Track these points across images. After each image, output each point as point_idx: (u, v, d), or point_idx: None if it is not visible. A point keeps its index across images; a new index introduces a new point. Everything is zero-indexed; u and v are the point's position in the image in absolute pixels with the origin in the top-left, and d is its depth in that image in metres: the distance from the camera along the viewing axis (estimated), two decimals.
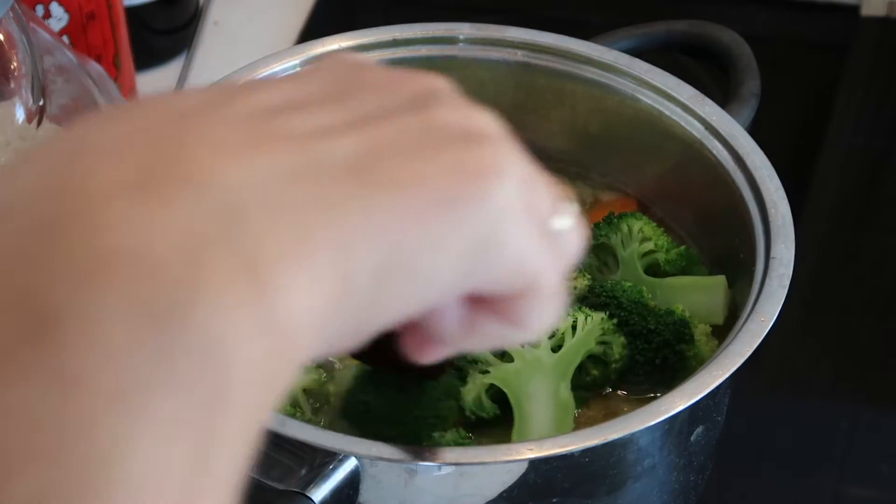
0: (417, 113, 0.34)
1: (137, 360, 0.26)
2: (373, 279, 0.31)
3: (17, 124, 0.76)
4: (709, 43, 0.90)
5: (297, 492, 0.57)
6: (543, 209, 0.37)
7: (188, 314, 0.27)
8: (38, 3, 0.89)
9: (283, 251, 0.29)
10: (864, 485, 0.79)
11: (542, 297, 0.37)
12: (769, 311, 0.63)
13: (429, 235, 0.33)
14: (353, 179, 0.31)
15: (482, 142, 0.35)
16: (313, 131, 0.32)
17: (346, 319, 0.31)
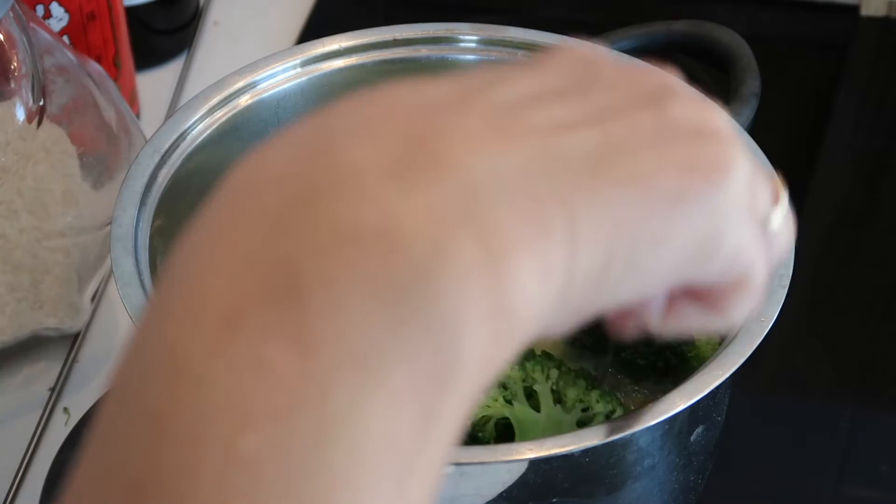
0: (652, 108, 0.35)
1: (377, 329, 0.28)
2: (597, 272, 0.33)
3: (17, 124, 0.76)
4: (709, 43, 0.90)
5: None
6: (763, 206, 0.38)
7: (427, 291, 0.28)
8: (38, 3, 0.89)
9: (520, 242, 0.30)
10: (864, 485, 0.79)
11: (749, 290, 0.38)
12: (769, 311, 0.63)
13: (656, 230, 0.34)
14: (588, 173, 0.32)
15: (712, 139, 0.36)
16: (554, 125, 0.33)
17: (566, 308, 0.33)
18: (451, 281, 0.29)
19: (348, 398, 0.27)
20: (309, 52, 0.79)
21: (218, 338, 0.27)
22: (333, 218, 0.29)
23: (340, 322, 0.27)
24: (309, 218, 0.29)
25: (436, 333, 0.28)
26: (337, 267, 0.28)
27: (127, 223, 0.68)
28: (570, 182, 0.32)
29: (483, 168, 0.30)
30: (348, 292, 0.28)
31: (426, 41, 0.81)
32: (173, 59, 1.07)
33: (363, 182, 0.29)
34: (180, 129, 0.74)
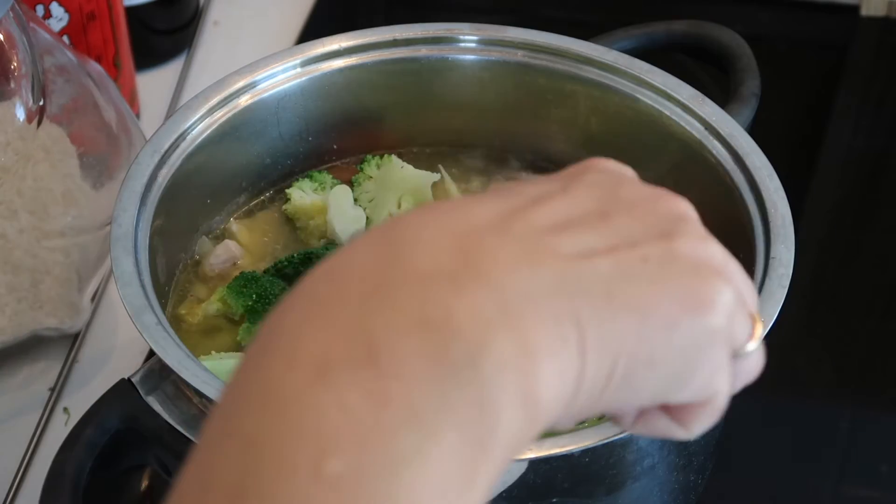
0: (662, 241, 0.42)
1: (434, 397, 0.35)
2: (600, 383, 0.39)
3: (17, 124, 0.76)
4: (709, 43, 0.90)
5: None
6: (740, 337, 0.44)
7: (473, 372, 0.36)
8: (38, 3, 0.89)
9: (544, 350, 0.38)
10: (864, 485, 0.79)
11: (711, 411, 0.44)
12: (769, 312, 0.63)
13: (651, 355, 0.40)
14: (600, 299, 0.39)
15: (709, 275, 0.42)
16: (577, 252, 0.40)
17: (573, 407, 0.39)
18: (493, 368, 0.36)
19: (412, 445, 0.34)
20: (309, 52, 0.79)
21: (310, 381, 0.35)
22: (405, 308, 0.37)
23: (407, 385, 0.35)
24: (387, 305, 0.37)
25: (477, 408, 0.36)
26: (406, 345, 0.36)
27: (127, 223, 0.68)
28: (585, 306, 0.39)
29: (516, 285, 0.38)
30: (413, 364, 0.35)
31: (426, 41, 0.81)
32: (173, 59, 1.07)
33: (425, 285, 0.37)
34: (180, 129, 0.74)
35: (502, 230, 0.40)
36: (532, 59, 0.80)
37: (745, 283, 0.44)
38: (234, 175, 0.79)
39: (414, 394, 0.35)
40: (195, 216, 0.78)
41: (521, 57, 0.81)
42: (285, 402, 0.35)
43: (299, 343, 0.36)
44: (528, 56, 0.80)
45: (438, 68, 0.81)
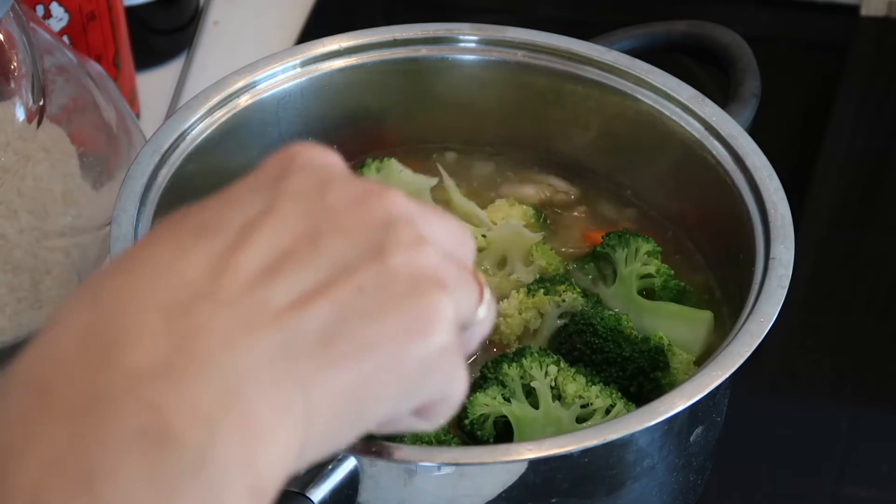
0: (375, 261, 0.41)
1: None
2: (329, 430, 0.39)
3: (17, 124, 0.76)
4: (709, 43, 0.90)
5: (296, 492, 0.57)
6: (468, 310, 0.44)
7: (198, 482, 0.34)
8: (38, 3, 0.89)
9: (267, 428, 0.37)
10: (864, 485, 0.79)
11: (450, 403, 0.44)
12: (769, 312, 0.63)
13: (377, 391, 0.40)
14: (321, 351, 0.39)
15: (426, 289, 0.41)
16: (290, 303, 0.39)
17: (302, 460, 0.39)
18: (218, 470, 0.35)
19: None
20: (309, 52, 0.79)
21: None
22: (118, 421, 0.34)
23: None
24: (98, 420, 0.34)
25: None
26: (122, 465, 0.34)
27: (127, 223, 0.68)
28: (305, 364, 0.38)
29: (235, 364, 0.37)
30: (132, 487, 0.34)
31: (426, 41, 0.81)
32: (173, 59, 1.07)
33: (139, 387, 0.35)
34: (180, 129, 0.74)
35: (213, 296, 0.38)
36: (532, 59, 0.80)
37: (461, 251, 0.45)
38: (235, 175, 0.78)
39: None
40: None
41: (521, 57, 0.81)
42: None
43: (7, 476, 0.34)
44: (528, 56, 0.80)
45: (438, 68, 0.81)
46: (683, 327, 0.72)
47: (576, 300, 0.71)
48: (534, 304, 0.72)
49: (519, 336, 0.72)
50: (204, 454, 0.35)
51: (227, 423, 0.36)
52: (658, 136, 0.77)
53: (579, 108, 0.81)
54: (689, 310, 0.73)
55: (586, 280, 0.75)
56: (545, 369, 0.66)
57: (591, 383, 0.66)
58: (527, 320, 0.72)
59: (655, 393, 0.67)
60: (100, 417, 0.35)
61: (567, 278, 0.73)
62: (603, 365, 0.68)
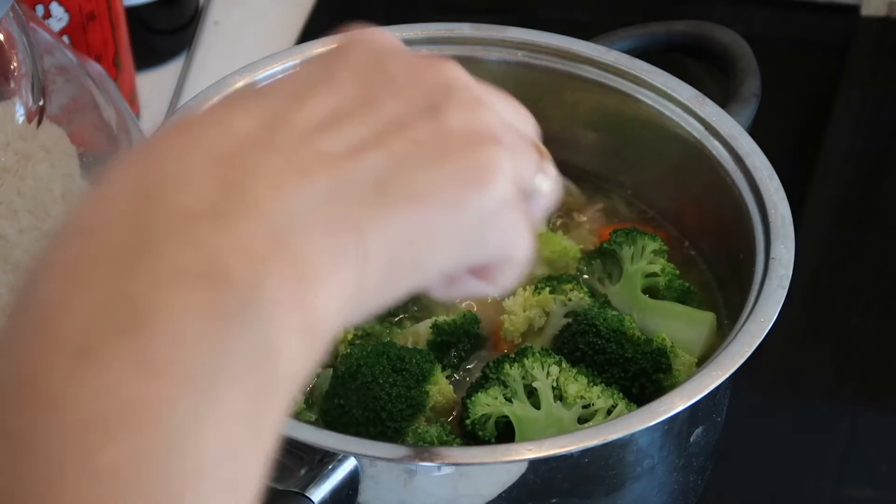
0: (431, 117, 0.41)
1: (209, 353, 0.33)
2: (384, 280, 0.39)
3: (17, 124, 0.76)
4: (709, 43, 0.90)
5: (296, 492, 0.57)
6: (527, 176, 0.44)
7: (248, 318, 0.34)
8: (38, 3, 0.89)
9: (318, 269, 0.36)
10: (864, 485, 0.79)
11: (515, 266, 0.44)
12: (769, 312, 0.63)
13: (433, 238, 0.40)
14: (375, 197, 0.38)
15: (482, 144, 0.41)
16: (344, 151, 0.38)
17: (358, 308, 0.39)
18: (269, 309, 0.34)
19: (188, 416, 0.32)
20: (309, 52, 0.79)
21: (72, 367, 0.32)
22: (167, 259, 0.34)
23: (177, 348, 0.32)
24: (148, 259, 0.34)
25: (257, 355, 0.34)
26: (173, 302, 0.33)
27: None
28: (359, 208, 0.38)
29: (286, 207, 0.36)
30: (183, 323, 0.33)
31: (426, 41, 0.81)
32: (173, 59, 1.07)
33: (189, 227, 0.34)
34: None
35: (265, 143, 0.37)
36: (532, 59, 0.80)
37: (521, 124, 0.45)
38: None
39: (185, 357, 0.32)
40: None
41: (521, 57, 0.81)
42: (50, 392, 0.32)
43: (56, 319, 0.33)
44: (528, 56, 0.80)
45: None
46: (685, 328, 0.71)
47: (582, 300, 0.71)
48: (538, 303, 0.72)
49: (523, 334, 0.72)
50: (254, 290, 0.34)
51: (278, 261, 0.35)
52: (658, 136, 0.77)
53: (579, 108, 0.81)
54: (692, 310, 0.73)
55: (592, 277, 0.75)
56: (547, 369, 0.66)
57: (593, 384, 0.66)
58: (531, 318, 0.72)
59: (657, 395, 0.67)
60: (147, 257, 0.34)
61: (574, 277, 0.73)
62: (605, 366, 0.68)
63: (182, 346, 0.32)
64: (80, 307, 0.33)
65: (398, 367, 0.67)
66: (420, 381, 0.67)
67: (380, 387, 0.66)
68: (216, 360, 0.33)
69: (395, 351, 0.68)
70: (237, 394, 0.33)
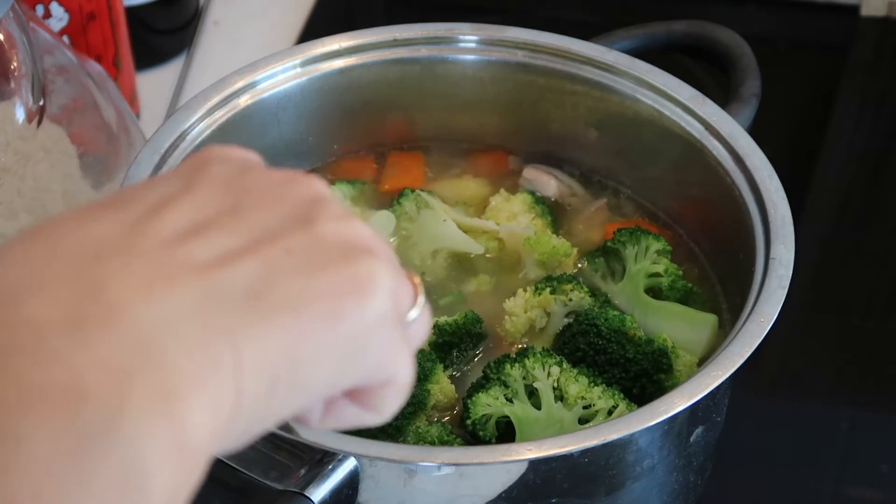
0: (303, 228, 0.38)
1: (66, 480, 0.30)
2: (263, 395, 0.36)
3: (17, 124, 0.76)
4: (709, 43, 0.90)
5: (296, 492, 0.57)
6: (405, 304, 0.41)
7: (113, 441, 0.31)
8: (38, 3, 0.89)
9: (191, 381, 0.33)
10: (864, 485, 0.79)
11: (397, 390, 0.41)
12: (769, 312, 0.63)
13: (313, 350, 0.37)
14: (250, 305, 0.35)
15: (360, 255, 0.39)
16: (214, 259, 0.36)
17: (237, 430, 0.36)
18: (134, 427, 0.31)
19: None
20: (309, 52, 0.79)
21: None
22: (19, 377, 0.31)
23: (30, 477, 0.29)
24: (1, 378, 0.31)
25: (122, 477, 0.31)
26: (24, 424, 0.30)
27: None
28: (233, 317, 0.35)
29: (153, 315, 0.33)
30: (39, 451, 0.30)
31: (426, 41, 0.81)
32: (173, 59, 1.07)
33: (43, 339, 0.31)
34: (180, 129, 0.74)
35: (126, 248, 0.34)
36: (532, 59, 0.80)
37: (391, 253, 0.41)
38: None
39: (43, 486, 0.29)
40: None
41: (521, 57, 0.81)
42: None
43: None
44: (528, 56, 0.80)
45: (438, 68, 0.81)
46: (687, 329, 0.71)
47: (583, 299, 0.71)
48: (539, 303, 0.72)
49: (525, 334, 0.72)
50: (117, 409, 0.31)
51: (145, 375, 0.32)
52: (658, 136, 0.77)
53: (579, 108, 0.81)
54: (694, 311, 0.73)
55: (595, 275, 0.75)
56: (548, 370, 0.66)
57: (594, 384, 0.66)
58: (532, 319, 0.72)
59: (658, 395, 0.67)
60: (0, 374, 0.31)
61: (574, 277, 0.73)
62: (606, 366, 0.68)
63: (38, 475, 0.30)
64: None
65: None
66: (421, 380, 0.67)
67: None
68: (77, 486, 0.30)
69: None
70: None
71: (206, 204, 0.38)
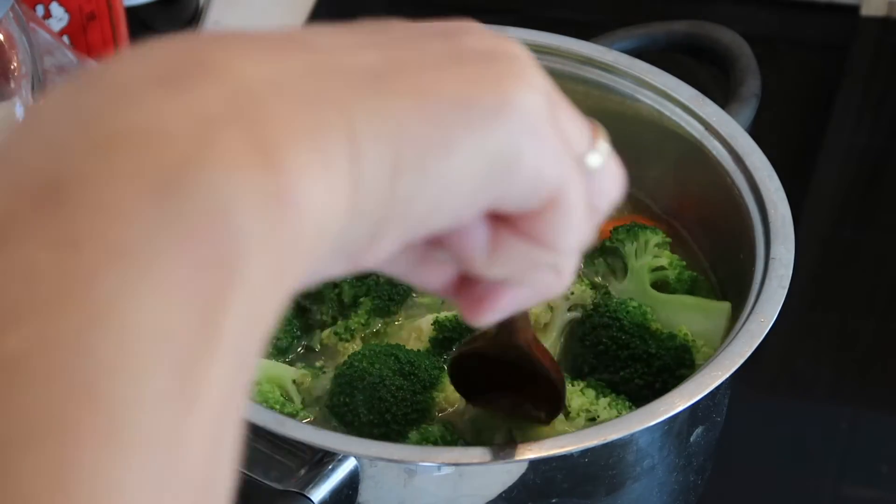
0: (445, 39, 0.34)
1: (142, 221, 0.27)
2: (386, 176, 0.31)
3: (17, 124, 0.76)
4: (709, 43, 0.90)
5: (296, 492, 0.57)
6: (574, 138, 0.37)
7: (194, 180, 0.28)
8: (38, 3, 0.89)
9: (294, 135, 0.29)
10: (864, 485, 0.79)
11: (565, 213, 0.36)
12: (769, 312, 0.63)
13: (444, 137, 0.32)
14: (371, 84, 0.32)
15: (508, 60, 0.35)
16: (338, 45, 0.32)
17: (360, 220, 0.32)
18: (217, 169, 0.28)
19: (112, 288, 0.26)
20: None
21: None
22: (96, 125, 0.28)
23: (102, 217, 0.27)
24: (74, 128, 0.28)
25: (205, 222, 0.28)
26: (97, 166, 0.28)
27: None
28: (348, 90, 0.31)
29: (256, 72, 0.30)
30: (109, 188, 0.27)
31: None
32: None
33: (127, 91, 0.29)
34: None
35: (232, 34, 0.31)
36: None
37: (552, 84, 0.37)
38: None
39: (110, 225, 0.27)
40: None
41: None
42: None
43: None
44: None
45: None
46: (703, 319, 0.71)
47: (584, 292, 0.71)
48: None
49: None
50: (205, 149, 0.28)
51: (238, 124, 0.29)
52: (658, 136, 0.77)
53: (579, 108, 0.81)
54: (707, 301, 0.72)
55: (596, 276, 0.75)
56: None
57: (602, 395, 0.66)
58: (536, 314, 0.72)
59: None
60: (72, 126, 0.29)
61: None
62: (628, 361, 0.68)
63: (109, 215, 0.27)
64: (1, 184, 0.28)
65: (406, 370, 0.67)
66: (427, 387, 0.67)
67: (386, 389, 0.66)
68: (150, 227, 0.27)
69: (405, 354, 0.68)
70: (177, 268, 0.27)
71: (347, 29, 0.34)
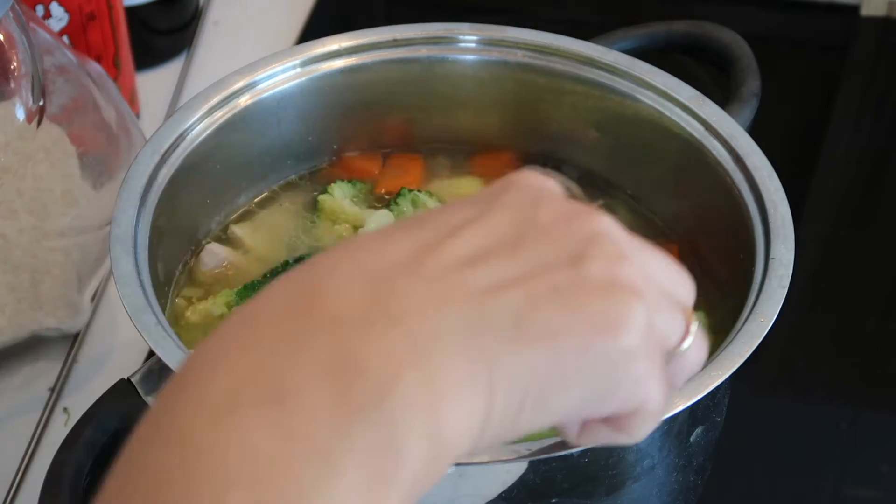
0: (572, 266, 0.42)
1: (339, 434, 0.37)
2: (511, 414, 0.41)
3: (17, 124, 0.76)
4: (709, 43, 0.90)
5: None
6: (668, 334, 0.45)
7: (379, 413, 0.37)
8: (38, 3, 0.89)
9: (452, 387, 0.39)
10: (864, 485, 0.79)
11: (646, 416, 0.45)
12: (769, 312, 0.63)
13: (560, 379, 0.41)
14: (509, 332, 0.41)
15: (619, 294, 0.42)
16: (486, 287, 0.41)
17: (486, 439, 0.41)
18: (399, 407, 0.38)
19: (313, 479, 0.36)
20: (309, 52, 0.79)
21: (217, 418, 0.37)
22: (314, 350, 0.38)
23: (309, 423, 0.37)
24: (296, 348, 0.38)
25: (383, 442, 0.37)
26: (312, 385, 0.37)
27: (126, 223, 0.68)
28: (493, 340, 0.40)
29: (426, 326, 0.39)
30: (318, 404, 0.37)
31: (426, 41, 0.81)
32: (173, 59, 1.07)
33: (335, 328, 0.39)
34: (180, 129, 0.74)
35: (413, 270, 0.41)
36: (532, 59, 0.80)
37: (670, 283, 0.45)
38: (235, 175, 0.80)
39: (318, 431, 0.37)
40: (195, 216, 0.78)
41: (521, 57, 0.81)
42: (193, 439, 0.36)
43: (209, 382, 0.38)
44: (528, 56, 0.80)
45: (438, 68, 0.81)
46: None
47: None
48: None
49: None
50: (388, 388, 0.37)
51: (414, 370, 0.38)
52: (658, 137, 0.77)
53: (579, 108, 0.81)
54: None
55: None
56: None
57: None
58: None
59: None
60: (296, 344, 0.38)
61: None
62: None
63: (314, 422, 0.37)
64: (231, 377, 0.38)
65: None
66: None
67: None
68: (344, 438, 0.37)
69: None
70: (359, 474, 0.37)
71: (492, 233, 0.43)
